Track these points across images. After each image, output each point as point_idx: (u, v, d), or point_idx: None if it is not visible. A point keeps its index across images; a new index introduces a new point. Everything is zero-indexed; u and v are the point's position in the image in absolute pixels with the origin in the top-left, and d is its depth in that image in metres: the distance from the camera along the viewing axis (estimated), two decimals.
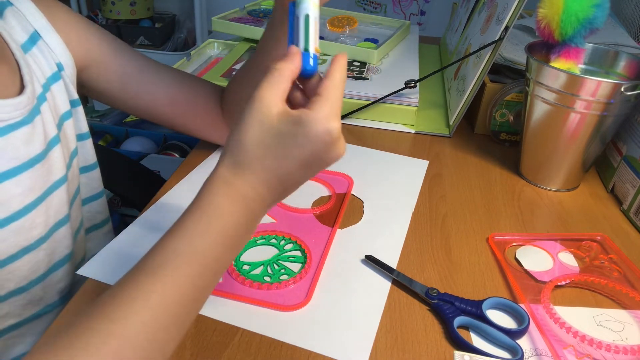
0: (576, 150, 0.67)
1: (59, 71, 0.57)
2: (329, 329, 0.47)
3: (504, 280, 0.54)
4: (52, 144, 0.54)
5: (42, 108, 0.53)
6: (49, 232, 0.54)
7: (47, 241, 0.53)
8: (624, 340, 0.48)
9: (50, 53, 0.56)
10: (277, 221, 0.61)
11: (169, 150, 1.75)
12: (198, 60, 1.07)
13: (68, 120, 0.58)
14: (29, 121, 0.50)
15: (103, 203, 0.68)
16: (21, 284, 0.52)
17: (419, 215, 0.64)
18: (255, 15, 1.17)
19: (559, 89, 0.64)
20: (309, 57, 0.41)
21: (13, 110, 0.49)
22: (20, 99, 0.49)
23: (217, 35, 1.15)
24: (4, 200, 0.48)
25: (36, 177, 0.51)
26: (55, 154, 0.54)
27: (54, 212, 0.54)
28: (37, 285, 0.54)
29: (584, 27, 0.63)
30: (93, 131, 1.88)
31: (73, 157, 0.59)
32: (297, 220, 0.61)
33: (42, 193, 0.52)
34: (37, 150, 0.51)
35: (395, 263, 0.55)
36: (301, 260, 0.55)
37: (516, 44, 0.90)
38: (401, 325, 0.48)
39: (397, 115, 0.85)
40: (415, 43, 1.13)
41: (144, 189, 0.67)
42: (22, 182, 0.49)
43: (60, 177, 0.55)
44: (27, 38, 0.55)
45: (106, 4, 2.10)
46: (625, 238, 0.62)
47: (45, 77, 0.55)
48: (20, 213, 0.49)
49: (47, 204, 0.53)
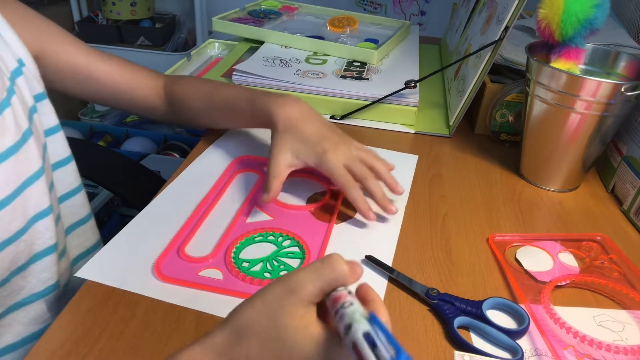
0: (576, 150, 0.67)
1: (20, 66, 0.57)
2: None
3: (504, 280, 0.54)
4: (26, 135, 0.54)
5: (12, 101, 0.53)
6: (28, 223, 0.54)
7: (27, 233, 0.54)
8: (624, 341, 0.48)
9: (9, 49, 0.57)
10: (274, 218, 0.61)
11: (169, 150, 1.75)
12: (198, 60, 1.07)
13: (35, 114, 0.58)
14: None
15: (83, 197, 0.67)
16: (3, 276, 0.52)
17: (419, 215, 0.64)
18: (256, 15, 1.17)
19: (559, 89, 0.64)
20: None
21: None
22: None
23: (217, 36, 1.15)
24: None
25: (11, 170, 0.51)
26: (30, 146, 0.54)
27: (33, 204, 0.54)
28: (17, 275, 0.54)
29: (584, 27, 0.63)
30: (93, 131, 1.88)
31: (44, 152, 0.59)
32: (294, 217, 0.61)
33: (19, 186, 0.52)
34: (10, 142, 0.51)
35: (391, 257, 0.55)
36: (300, 256, 0.55)
37: (516, 44, 0.90)
38: (401, 325, 0.48)
39: (397, 116, 0.85)
40: (416, 43, 1.13)
41: (144, 189, 0.67)
42: None
43: (37, 170, 0.55)
44: None
45: (106, 4, 2.10)
46: (626, 238, 0.62)
47: (9, 70, 0.56)
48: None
49: (24, 196, 0.53)
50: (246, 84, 0.88)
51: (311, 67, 0.93)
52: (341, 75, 0.91)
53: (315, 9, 1.26)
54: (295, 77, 0.88)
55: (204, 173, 0.68)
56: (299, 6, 1.27)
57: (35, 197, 0.55)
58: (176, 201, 0.62)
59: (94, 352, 0.43)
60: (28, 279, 0.56)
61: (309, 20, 1.20)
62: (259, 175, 0.68)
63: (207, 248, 0.55)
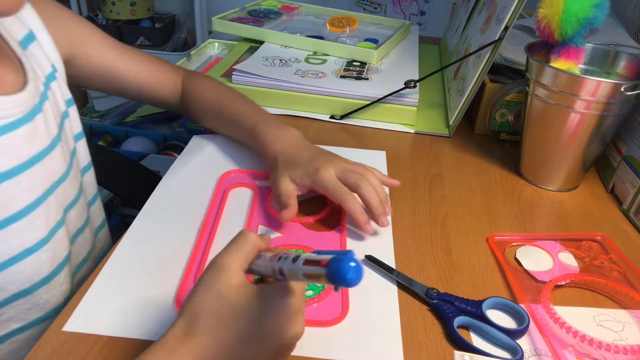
0: (576, 150, 0.67)
1: (54, 72, 0.57)
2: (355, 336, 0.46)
3: (504, 280, 0.54)
4: (54, 142, 0.54)
5: (45, 106, 0.53)
6: (50, 233, 0.53)
7: (49, 242, 0.53)
8: (624, 340, 0.48)
9: (44, 53, 0.57)
10: (283, 234, 0.59)
11: (169, 150, 1.75)
12: (198, 60, 1.07)
13: (66, 119, 0.58)
14: (30, 119, 0.50)
15: (100, 204, 0.68)
16: (24, 287, 0.51)
17: (418, 215, 0.64)
18: (255, 15, 1.17)
19: (559, 89, 0.64)
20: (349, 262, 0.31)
21: (13, 107, 0.48)
22: (20, 96, 0.49)
23: (217, 35, 1.15)
24: (4, 201, 0.48)
25: (36, 177, 0.51)
26: (56, 153, 0.54)
27: (54, 212, 0.54)
28: (41, 287, 0.53)
29: (584, 27, 0.63)
30: (92, 131, 1.88)
31: (72, 157, 0.59)
32: (301, 230, 0.59)
33: (43, 193, 0.52)
34: (38, 149, 0.51)
35: (392, 257, 0.55)
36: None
37: (516, 44, 0.90)
38: (401, 325, 0.48)
39: (397, 115, 0.85)
40: (415, 43, 1.13)
41: (144, 189, 0.66)
42: (21, 182, 0.49)
43: (60, 177, 0.55)
44: (24, 35, 0.55)
45: (106, 4, 2.10)
46: (625, 238, 0.62)
47: (44, 74, 0.55)
48: (20, 214, 0.49)
49: (47, 204, 0.52)
50: (246, 84, 0.88)
51: (311, 67, 0.93)
52: (341, 75, 0.91)
53: (315, 9, 1.26)
54: (295, 77, 0.88)
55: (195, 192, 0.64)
56: (299, 6, 1.27)
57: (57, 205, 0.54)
58: (176, 223, 0.59)
59: (94, 352, 0.43)
60: (52, 293, 0.54)
61: (308, 20, 1.20)
62: (252, 190, 0.66)
63: None
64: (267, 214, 0.61)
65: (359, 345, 0.45)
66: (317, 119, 0.86)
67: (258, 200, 0.64)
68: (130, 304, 0.48)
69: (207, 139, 0.77)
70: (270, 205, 0.62)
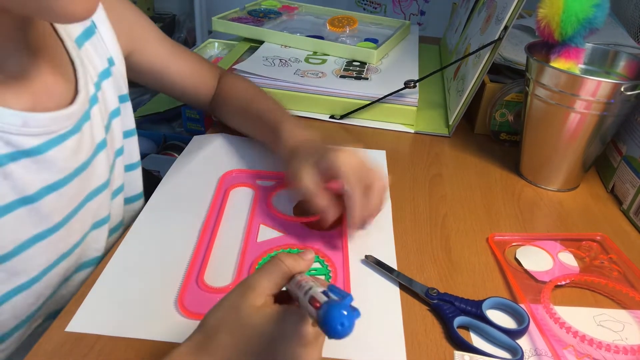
0: (576, 150, 0.67)
1: (110, 66, 0.56)
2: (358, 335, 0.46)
3: (504, 280, 0.54)
4: (98, 149, 0.52)
5: (92, 112, 0.52)
6: (84, 236, 0.52)
7: (80, 245, 0.52)
8: (624, 340, 0.48)
9: (102, 47, 0.55)
10: (284, 233, 0.58)
11: (169, 150, 1.75)
12: None
13: (116, 118, 0.57)
14: (78, 129, 0.49)
15: (141, 204, 0.66)
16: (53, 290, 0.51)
17: (418, 215, 0.64)
18: (255, 15, 1.17)
19: (559, 89, 0.64)
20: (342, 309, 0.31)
21: (65, 120, 0.47)
22: (73, 109, 0.48)
23: (217, 35, 1.15)
24: (46, 213, 0.46)
25: (77, 186, 0.50)
26: (99, 160, 0.53)
27: (90, 217, 0.53)
28: (62, 286, 0.52)
29: (584, 27, 0.63)
30: None
31: (117, 156, 0.58)
32: (302, 228, 0.59)
33: (82, 200, 0.51)
34: (83, 159, 0.50)
35: (393, 257, 0.55)
36: (324, 272, 0.53)
37: (516, 44, 0.90)
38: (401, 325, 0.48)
39: (397, 115, 0.85)
40: (415, 43, 1.13)
41: (144, 189, 0.66)
42: (65, 194, 0.48)
43: (101, 184, 0.53)
44: (82, 31, 0.53)
45: None
46: (625, 238, 0.63)
47: (97, 73, 0.54)
48: (60, 224, 0.48)
49: (85, 210, 0.51)
50: None
51: (311, 67, 0.93)
52: (341, 75, 0.91)
53: (315, 9, 1.26)
54: (295, 77, 0.88)
55: (196, 192, 0.64)
56: (299, 6, 1.27)
57: (94, 210, 0.53)
58: (177, 223, 0.58)
59: (94, 352, 0.43)
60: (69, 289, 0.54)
61: (308, 20, 1.20)
62: (253, 190, 0.66)
63: (225, 275, 0.52)
64: (268, 214, 0.61)
65: (362, 344, 0.45)
66: (317, 118, 0.86)
67: (259, 200, 0.64)
68: (131, 304, 0.47)
69: (207, 139, 0.77)
70: (272, 205, 0.62)
